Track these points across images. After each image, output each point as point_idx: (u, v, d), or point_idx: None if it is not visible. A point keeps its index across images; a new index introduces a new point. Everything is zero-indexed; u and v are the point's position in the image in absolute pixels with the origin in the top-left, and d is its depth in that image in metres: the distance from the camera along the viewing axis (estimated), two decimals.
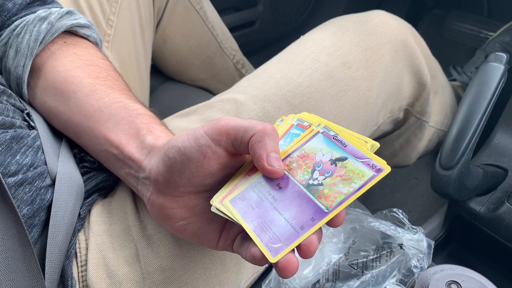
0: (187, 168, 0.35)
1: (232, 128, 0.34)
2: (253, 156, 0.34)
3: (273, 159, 0.33)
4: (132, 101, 0.47)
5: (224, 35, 0.93)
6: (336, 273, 0.53)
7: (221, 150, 0.35)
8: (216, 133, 0.34)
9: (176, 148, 0.36)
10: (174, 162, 0.36)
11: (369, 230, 0.54)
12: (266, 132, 0.33)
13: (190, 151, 0.35)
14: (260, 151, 0.33)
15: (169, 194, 0.38)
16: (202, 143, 0.35)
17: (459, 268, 0.47)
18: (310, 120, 0.38)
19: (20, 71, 0.49)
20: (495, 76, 0.58)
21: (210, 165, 0.35)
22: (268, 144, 0.33)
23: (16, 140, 0.42)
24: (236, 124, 0.34)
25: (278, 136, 0.35)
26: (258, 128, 0.33)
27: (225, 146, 0.35)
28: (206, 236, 0.38)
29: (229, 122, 0.35)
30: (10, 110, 0.44)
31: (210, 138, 0.35)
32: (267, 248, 0.31)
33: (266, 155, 0.33)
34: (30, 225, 0.42)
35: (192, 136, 0.35)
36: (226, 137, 0.34)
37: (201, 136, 0.35)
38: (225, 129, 0.34)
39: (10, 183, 0.40)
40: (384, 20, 0.62)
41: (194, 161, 0.35)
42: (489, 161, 0.67)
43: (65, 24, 0.51)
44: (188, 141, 0.35)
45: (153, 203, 0.39)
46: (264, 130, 0.33)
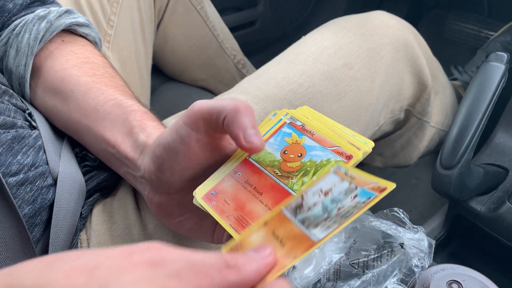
0: (176, 163, 0.35)
1: (206, 111, 0.33)
2: (231, 136, 0.33)
3: (250, 135, 0.32)
4: (127, 98, 0.47)
5: (225, 35, 0.93)
6: (337, 272, 0.53)
7: (202, 136, 0.34)
8: (193, 120, 0.34)
9: (161, 146, 0.36)
10: (162, 160, 0.36)
11: (370, 230, 0.54)
12: (238, 110, 0.32)
13: (174, 145, 0.35)
14: (236, 130, 0.32)
15: (164, 192, 0.38)
16: (183, 134, 0.34)
17: (460, 267, 0.47)
18: (306, 116, 0.38)
19: (22, 70, 0.49)
20: (496, 76, 0.58)
21: (197, 154, 0.35)
22: (242, 122, 0.32)
23: (18, 140, 0.42)
24: (209, 107, 0.33)
25: (252, 111, 0.33)
26: (229, 108, 0.32)
27: (205, 131, 0.34)
28: (202, 231, 0.39)
29: (202, 106, 0.34)
30: (12, 110, 0.44)
31: (188, 127, 0.34)
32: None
33: (243, 132, 0.32)
34: (31, 225, 0.42)
35: (173, 129, 0.35)
36: (203, 121, 0.34)
37: (180, 127, 0.35)
38: (200, 114, 0.34)
39: (12, 183, 0.40)
40: (385, 20, 0.62)
41: (180, 154, 0.35)
42: (489, 160, 0.67)
43: (64, 23, 0.51)
44: (170, 136, 0.35)
45: (151, 201, 0.39)
46: (236, 108, 0.32)
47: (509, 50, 0.90)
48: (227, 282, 0.22)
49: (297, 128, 0.36)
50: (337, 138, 0.34)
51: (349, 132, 0.35)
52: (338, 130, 0.35)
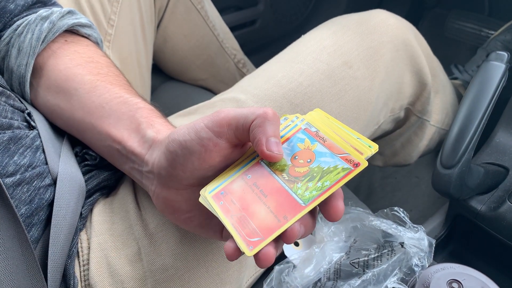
0: (189, 162, 0.36)
1: (233, 117, 0.34)
2: (253, 141, 0.34)
3: (272, 143, 0.33)
4: (132, 96, 0.47)
5: (225, 35, 0.93)
6: (337, 272, 0.53)
7: (222, 142, 0.35)
8: (217, 125, 0.35)
9: (177, 142, 0.36)
10: (175, 156, 0.36)
11: (370, 229, 0.54)
12: (267, 117, 0.33)
13: (191, 144, 0.35)
14: (259, 136, 0.33)
15: (173, 187, 0.38)
16: (203, 136, 0.35)
17: (460, 266, 0.47)
18: (318, 122, 0.38)
19: (23, 70, 0.49)
20: (496, 75, 0.58)
21: (211, 157, 0.35)
22: (268, 129, 0.33)
23: (14, 141, 0.43)
24: (236, 114, 0.34)
25: (278, 121, 0.35)
26: (258, 113, 0.34)
27: (227, 137, 0.35)
28: (210, 228, 0.39)
29: (229, 113, 0.35)
30: (9, 111, 0.45)
31: (210, 131, 0.35)
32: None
33: (266, 139, 0.33)
34: (28, 224, 0.42)
35: (193, 129, 0.36)
36: (227, 127, 0.35)
37: (202, 129, 0.35)
38: (226, 120, 0.34)
39: (8, 183, 0.40)
40: (385, 19, 0.62)
41: (196, 154, 0.35)
42: (490, 160, 0.67)
43: (67, 23, 0.51)
44: (188, 135, 0.35)
45: (158, 196, 0.40)
46: (265, 114, 0.33)
47: (509, 49, 0.90)
48: None
49: (311, 134, 0.37)
50: (347, 146, 0.34)
51: (356, 135, 0.35)
52: (346, 134, 0.36)
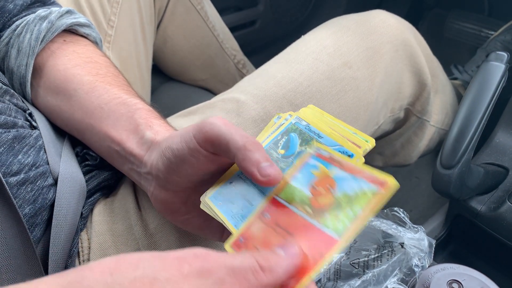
0: (183, 169, 0.36)
1: (214, 137, 0.34)
2: (247, 175, 0.33)
3: (265, 168, 0.32)
4: (131, 96, 0.47)
5: (225, 35, 0.93)
6: (338, 272, 0.53)
7: (210, 154, 0.35)
8: (202, 138, 0.34)
9: (170, 150, 0.36)
10: (170, 163, 0.36)
11: (370, 229, 0.54)
12: (247, 148, 0.32)
13: (182, 153, 0.35)
14: (250, 169, 0.32)
15: (171, 190, 0.38)
16: (192, 147, 0.35)
17: (461, 267, 0.47)
18: (310, 116, 0.38)
19: (23, 70, 0.49)
20: (496, 75, 0.58)
21: (204, 165, 0.35)
22: (253, 158, 0.32)
23: (18, 140, 0.43)
24: (219, 134, 0.33)
25: (261, 146, 0.33)
26: (238, 146, 0.32)
27: (213, 151, 0.35)
28: (210, 229, 0.39)
29: (212, 130, 0.34)
30: (13, 110, 0.45)
31: (197, 143, 0.34)
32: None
33: (257, 168, 0.32)
34: (32, 224, 0.42)
35: (184, 139, 0.35)
36: (210, 144, 0.34)
37: (190, 139, 0.35)
38: (209, 137, 0.34)
39: (12, 183, 0.40)
40: (385, 19, 0.62)
41: (188, 163, 0.35)
42: (490, 160, 0.67)
43: (65, 23, 0.51)
44: (180, 143, 0.36)
45: (156, 198, 0.40)
46: (244, 147, 0.32)
47: (509, 49, 0.90)
48: (261, 284, 0.25)
49: (325, 159, 0.34)
50: (342, 139, 0.33)
51: (352, 130, 0.35)
52: (341, 129, 0.35)
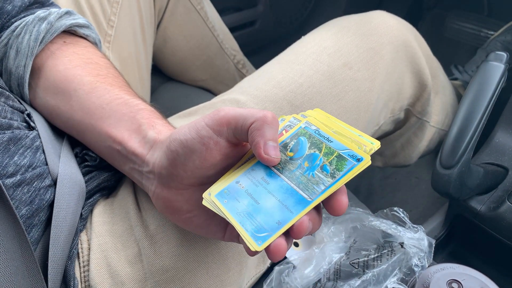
0: (190, 161, 0.36)
1: (232, 117, 0.35)
2: (251, 143, 0.34)
3: (270, 147, 0.33)
4: (132, 97, 0.48)
5: (225, 36, 0.93)
6: (337, 272, 0.53)
7: (222, 140, 0.35)
8: (217, 123, 0.35)
9: (178, 141, 0.36)
10: (177, 155, 0.36)
11: (370, 229, 0.54)
12: (266, 120, 0.33)
13: (192, 143, 0.35)
14: (258, 139, 0.33)
15: (174, 187, 0.38)
16: (203, 135, 0.35)
17: (460, 267, 0.48)
18: (318, 121, 0.39)
19: (21, 71, 0.49)
20: (495, 75, 0.58)
21: (212, 156, 0.35)
22: (266, 132, 0.33)
23: (14, 142, 0.43)
24: (236, 113, 0.35)
25: (278, 124, 0.35)
26: (258, 116, 0.34)
27: (226, 136, 0.35)
28: (212, 228, 0.39)
29: (229, 112, 0.35)
30: (8, 112, 0.45)
31: (211, 129, 0.35)
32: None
33: (264, 143, 0.33)
34: (29, 225, 0.42)
35: (194, 128, 0.36)
36: (227, 126, 0.35)
37: (202, 127, 0.35)
38: (226, 119, 0.35)
39: (8, 184, 0.40)
40: (385, 20, 0.62)
41: (197, 153, 0.35)
42: (489, 160, 0.67)
43: (65, 24, 0.51)
44: (189, 134, 0.36)
45: (158, 197, 0.40)
46: (264, 117, 0.34)
47: (509, 49, 0.90)
48: None
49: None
50: (349, 143, 0.35)
51: (357, 133, 0.36)
52: (347, 132, 0.36)
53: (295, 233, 0.31)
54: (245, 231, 0.32)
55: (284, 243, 0.31)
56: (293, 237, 0.32)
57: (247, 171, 0.36)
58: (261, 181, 0.35)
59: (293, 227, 0.31)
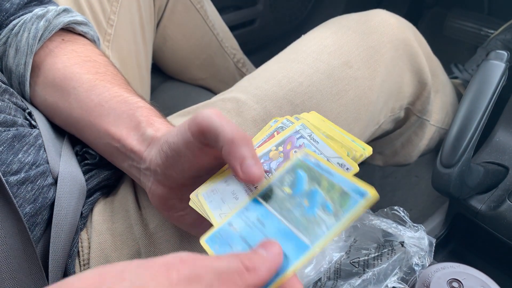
0: (179, 163, 0.36)
1: (206, 127, 0.33)
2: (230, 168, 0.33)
3: (247, 166, 0.32)
4: (132, 95, 0.48)
5: (225, 34, 0.93)
6: (338, 271, 0.53)
7: (203, 146, 0.35)
8: (195, 129, 0.34)
9: (167, 143, 0.37)
10: (167, 157, 0.37)
11: (370, 228, 0.54)
12: (234, 142, 0.32)
13: (178, 147, 0.35)
14: (233, 163, 0.32)
15: (168, 185, 0.39)
16: (186, 140, 0.35)
17: (461, 266, 0.48)
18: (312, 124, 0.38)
19: (22, 69, 0.49)
20: (496, 74, 0.58)
21: (199, 158, 0.36)
22: (238, 153, 0.32)
23: (18, 139, 0.42)
24: (210, 124, 0.33)
25: (250, 141, 0.33)
26: (227, 138, 0.32)
27: (204, 143, 0.34)
28: (203, 228, 0.39)
29: (203, 120, 0.33)
30: (12, 109, 0.45)
31: (191, 134, 0.34)
32: None
33: (240, 164, 0.32)
34: (32, 224, 0.42)
35: (180, 131, 0.36)
36: (202, 135, 0.34)
37: (185, 131, 0.35)
38: (201, 127, 0.34)
39: (12, 182, 0.40)
40: (385, 19, 0.61)
41: (184, 156, 0.35)
42: (490, 159, 0.67)
43: (63, 21, 0.51)
44: (176, 136, 0.36)
45: (153, 193, 0.40)
46: (232, 140, 0.32)
47: (509, 48, 0.90)
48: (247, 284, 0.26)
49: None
50: (340, 150, 0.34)
51: (351, 138, 0.35)
52: (340, 136, 0.35)
53: None
54: None
55: None
56: None
57: (241, 210, 0.33)
58: (256, 223, 0.31)
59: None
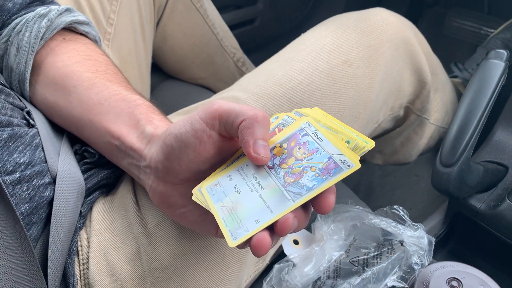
0: (184, 154, 0.36)
1: (224, 111, 0.34)
2: (241, 142, 0.34)
3: (259, 146, 0.33)
4: (131, 93, 0.48)
5: (225, 33, 0.92)
6: (337, 270, 0.53)
7: (215, 134, 0.35)
8: (210, 117, 0.35)
9: (173, 135, 0.37)
10: (171, 149, 0.37)
11: (369, 227, 0.54)
12: (256, 119, 0.33)
13: (186, 136, 0.36)
14: (247, 137, 0.33)
15: (169, 182, 0.38)
16: (197, 128, 0.35)
17: (460, 265, 0.48)
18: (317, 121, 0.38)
19: (23, 67, 0.49)
20: (495, 73, 0.58)
21: (206, 149, 0.36)
22: (256, 131, 0.33)
23: (14, 139, 0.43)
24: (229, 108, 0.34)
25: (268, 123, 0.35)
26: (248, 114, 0.33)
27: (218, 130, 0.35)
28: (205, 224, 0.39)
29: (222, 106, 0.35)
30: (8, 109, 0.45)
31: (204, 122, 0.35)
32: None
33: (253, 141, 0.33)
34: (29, 223, 0.42)
35: (188, 122, 0.36)
36: (219, 120, 0.35)
37: (196, 121, 0.36)
38: (218, 113, 0.35)
39: (8, 182, 0.40)
40: (385, 17, 0.61)
41: (191, 146, 0.35)
42: (489, 158, 0.67)
43: (65, 21, 0.51)
44: (184, 127, 0.36)
45: (154, 191, 0.40)
46: (255, 116, 0.33)
47: (509, 47, 0.90)
48: None
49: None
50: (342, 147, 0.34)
51: (353, 132, 0.35)
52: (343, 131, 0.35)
53: (278, 230, 0.31)
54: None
55: (267, 239, 0.30)
56: (277, 234, 0.31)
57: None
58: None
59: (276, 224, 0.31)
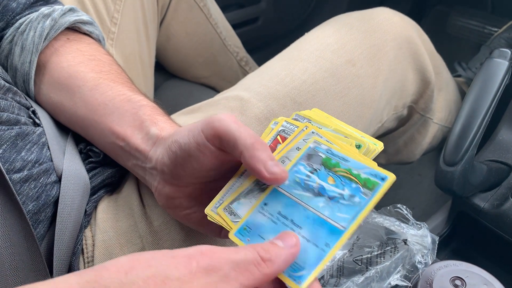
0: (188, 163, 0.36)
1: (223, 133, 0.34)
2: (253, 172, 0.33)
3: (271, 166, 0.32)
4: (135, 93, 0.48)
5: (228, 32, 0.93)
6: (341, 269, 0.53)
7: (216, 150, 0.35)
8: (211, 133, 0.34)
9: (177, 143, 0.37)
10: (176, 157, 0.37)
11: (373, 226, 0.54)
12: (255, 147, 0.33)
13: (189, 147, 0.36)
14: (257, 166, 0.32)
15: (175, 184, 0.39)
16: (199, 141, 0.35)
17: (463, 264, 0.48)
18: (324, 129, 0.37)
19: (27, 67, 0.50)
20: (499, 72, 0.58)
21: (209, 161, 0.36)
22: (261, 157, 0.32)
23: (21, 137, 0.43)
24: (228, 130, 0.34)
25: (267, 146, 0.34)
26: (247, 144, 0.33)
27: (219, 147, 0.35)
28: (210, 225, 0.39)
29: (221, 126, 0.34)
30: (16, 107, 0.45)
31: (205, 137, 0.35)
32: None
33: (264, 166, 0.32)
34: (35, 221, 0.42)
35: (191, 132, 0.36)
36: (218, 140, 0.34)
37: (198, 134, 0.35)
38: (217, 132, 0.34)
39: (15, 180, 0.40)
40: (388, 17, 0.61)
41: (194, 157, 0.36)
42: (493, 157, 0.67)
43: (68, 21, 0.52)
44: (187, 138, 0.36)
45: (160, 192, 0.40)
46: (253, 146, 0.33)
47: None
48: (264, 274, 0.27)
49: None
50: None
51: (360, 134, 0.35)
52: (350, 133, 0.35)
53: None
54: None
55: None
56: None
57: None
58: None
59: None
